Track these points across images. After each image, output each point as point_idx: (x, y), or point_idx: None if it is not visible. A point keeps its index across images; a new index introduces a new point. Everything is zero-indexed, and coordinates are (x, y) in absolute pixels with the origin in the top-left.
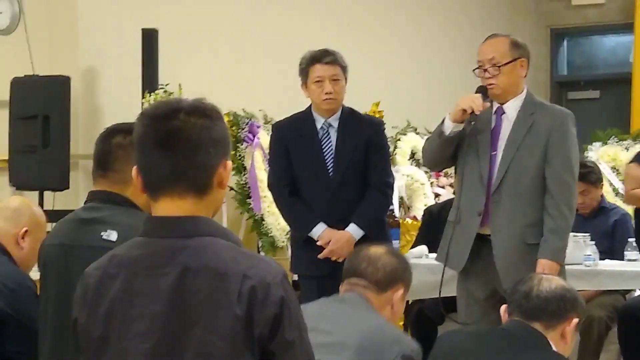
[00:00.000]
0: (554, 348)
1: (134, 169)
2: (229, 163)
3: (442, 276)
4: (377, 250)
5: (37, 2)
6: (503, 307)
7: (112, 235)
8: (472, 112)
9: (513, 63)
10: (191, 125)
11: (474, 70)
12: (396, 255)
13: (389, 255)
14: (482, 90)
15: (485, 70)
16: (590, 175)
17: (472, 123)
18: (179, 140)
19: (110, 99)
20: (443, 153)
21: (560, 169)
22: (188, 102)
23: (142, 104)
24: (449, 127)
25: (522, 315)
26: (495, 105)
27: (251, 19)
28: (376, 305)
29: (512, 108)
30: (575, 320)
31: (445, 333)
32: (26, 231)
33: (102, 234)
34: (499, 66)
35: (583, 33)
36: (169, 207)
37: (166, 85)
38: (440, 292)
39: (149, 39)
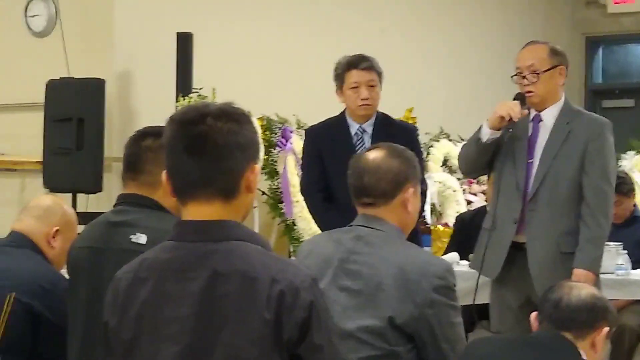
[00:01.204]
0: (584, 357)
1: (164, 173)
2: (257, 167)
3: (477, 283)
4: (375, 157)
5: (73, 5)
6: (533, 315)
7: (141, 239)
8: (510, 119)
9: (552, 70)
10: (218, 129)
11: (512, 76)
12: (397, 155)
13: (389, 159)
14: (520, 98)
15: (524, 77)
16: (622, 186)
17: (510, 130)
18: (206, 145)
19: (145, 102)
20: (479, 160)
21: (597, 177)
22: (215, 107)
23: (176, 107)
24: (487, 134)
25: (552, 325)
26: (533, 113)
27: (285, 24)
28: (390, 216)
29: (549, 116)
30: (606, 329)
31: (475, 340)
32: (57, 230)
33: (131, 237)
34: (538, 73)
35: (618, 41)
36: (197, 211)
37: (200, 89)
38: (474, 298)
39: (184, 42)
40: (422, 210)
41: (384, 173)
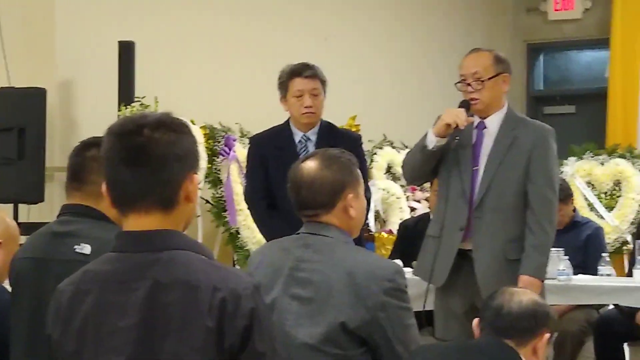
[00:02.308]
0: None
1: (104, 185)
2: (197, 177)
3: (427, 290)
4: (310, 169)
5: (14, 14)
6: (475, 322)
7: (86, 249)
8: (456, 126)
9: (496, 78)
10: (155, 141)
11: (456, 84)
12: (332, 163)
13: (323, 171)
14: (465, 105)
15: (468, 84)
16: (559, 194)
17: (457, 138)
18: (143, 157)
19: (87, 112)
20: (425, 167)
21: (542, 185)
22: (153, 117)
23: (119, 116)
24: (433, 142)
25: (493, 332)
26: (477, 120)
27: (228, 33)
28: (335, 221)
29: (493, 123)
30: (547, 335)
31: (419, 347)
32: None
33: (75, 247)
34: (483, 81)
35: (559, 48)
36: (137, 222)
37: (142, 98)
38: (424, 305)
39: (126, 51)
40: (365, 217)
41: (320, 186)
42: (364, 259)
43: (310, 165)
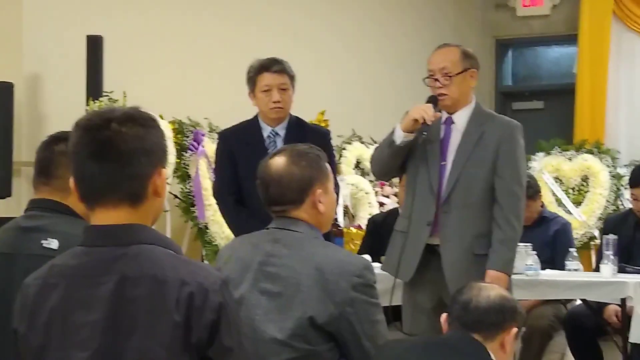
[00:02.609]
0: (493, 358)
1: (72, 179)
2: (164, 171)
3: (394, 286)
4: (278, 165)
5: None
6: (443, 317)
7: (53, 244)
8: (424, 122)
9: (464, 73)
10: (122, 135)
11: (424, 79)
12: (300, 159)
13: (291, 167)
14: (433, 100)
15: (436, 79)
16: (528, 190)
17: (425, 134)
18: (110, 151)
19: (54, 106)
20: (393, 163)
21: (510, 180)
22: (121, 112)
23: (87, 111)
24: (400, 137)
25: (461, 327)
26: (445, 116)
27: (197, 28)
28: (305, 216)
29: (461, 118)
30: (515, 330)
31: (386, 342)
32: None
33: (42, 242)
34: (450, 76)
35: (528, 44)
36: (105, 216)
37: (111, 92)
38: (391, 300)
39: (94, 46)
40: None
41: (288, 182)
42: (333, 254)
43: (278, 161)
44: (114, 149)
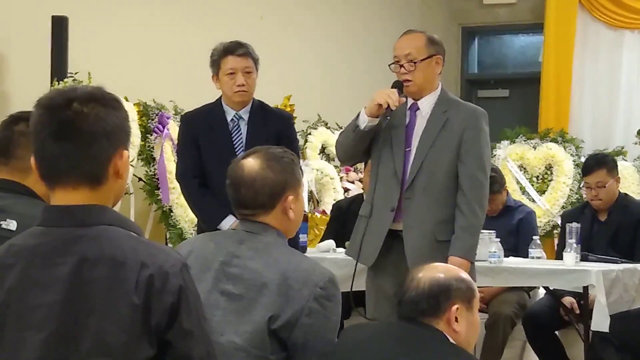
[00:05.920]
0: (450, 340)
1: (32, 159)
2: (126, 153)
3: (355, 270)
4: (251, 168)
5: None
6: None
7: (12, 225)
8: (388, 107)
9: (429, 60)
10: (84, 115)
11: (389, 65)
12: (274, 163)
13: (265, 170)
14: (398, 86)
15: (402, 65)
16: (493, 185)
17: (388, 118)
18: (71, 131)
19: (18, 86)
20: (357, 147)
21: (473, 167)
22: (83, 91)
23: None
24: (365, 122)
25: (402, 320)
26: (410, 101)
27: (163, 10)
28: (273, 222)
29: (426, 104)
30: (455, 306)
31: (349, 327)
32: None
33: (1, 223)
34: (415, 62)
35: (494, 32)
36: (64, 197)
37: (76, 73)
38: (352, 285)
39: (59, 26)
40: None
41: (260, 186)
42: (299, 263)
43: (252, 164)
44: (74, 129)
